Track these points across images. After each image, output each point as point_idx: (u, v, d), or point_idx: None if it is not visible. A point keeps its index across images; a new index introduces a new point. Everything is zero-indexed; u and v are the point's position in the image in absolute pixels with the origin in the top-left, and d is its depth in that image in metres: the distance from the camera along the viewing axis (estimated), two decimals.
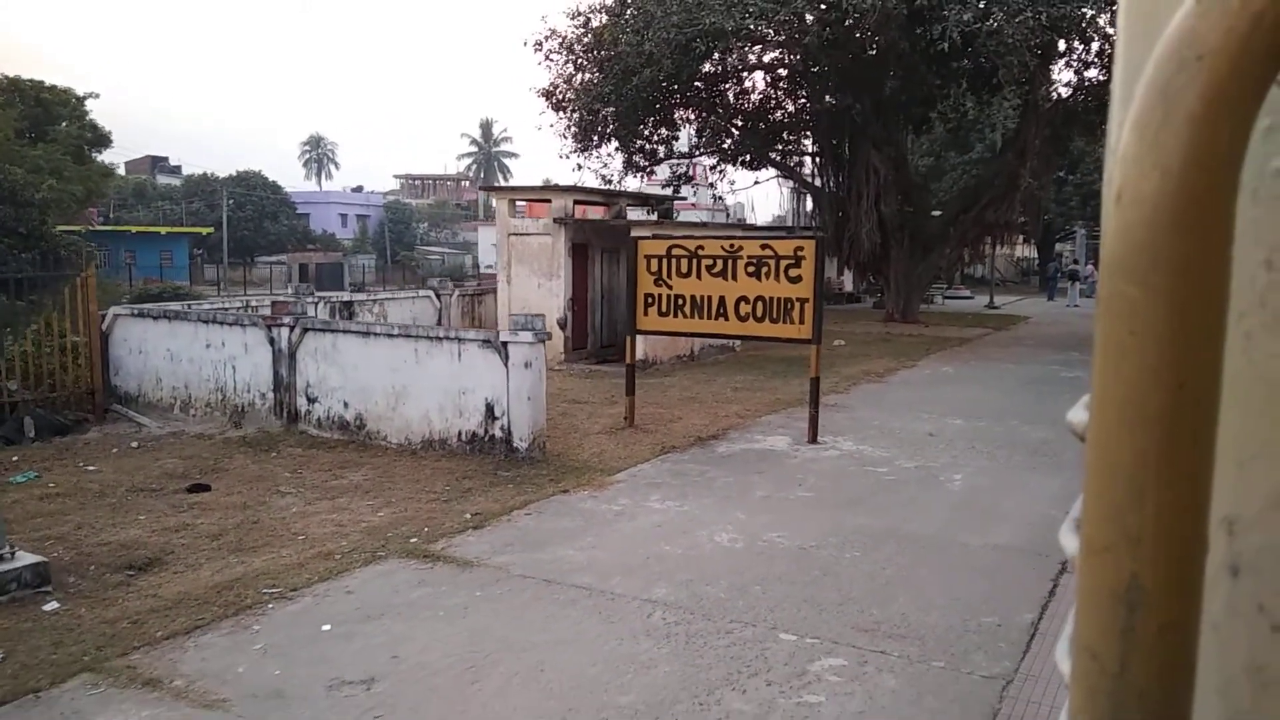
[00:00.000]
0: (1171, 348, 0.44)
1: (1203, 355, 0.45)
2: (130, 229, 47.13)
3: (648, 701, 4.37)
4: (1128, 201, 0.45)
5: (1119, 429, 0.45)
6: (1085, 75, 21.85)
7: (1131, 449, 0.45)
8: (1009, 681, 4.65)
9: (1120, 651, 0.46)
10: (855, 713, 4.30)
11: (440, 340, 9.74)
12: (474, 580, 5.92)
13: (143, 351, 11.71)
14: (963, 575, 6.16)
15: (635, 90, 19.98)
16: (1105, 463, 0.46)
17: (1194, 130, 0.43)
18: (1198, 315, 0.44)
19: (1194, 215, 0.44)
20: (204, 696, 4.36)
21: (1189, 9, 0.44)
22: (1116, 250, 0.45)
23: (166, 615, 5.37)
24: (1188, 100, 0.44)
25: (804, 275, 9.90)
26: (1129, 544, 0.45)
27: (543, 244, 16.24)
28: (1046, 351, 18.97)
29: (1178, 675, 0.46)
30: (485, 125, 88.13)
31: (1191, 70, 0.44)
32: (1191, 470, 0.45)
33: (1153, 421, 0.44)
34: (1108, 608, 0.46)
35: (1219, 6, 0.43)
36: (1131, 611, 0.45)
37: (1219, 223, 0.44)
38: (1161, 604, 0.45)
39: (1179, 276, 0.44)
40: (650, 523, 7.23)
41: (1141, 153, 0.45)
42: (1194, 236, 0.44)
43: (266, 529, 7.06)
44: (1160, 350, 0.44)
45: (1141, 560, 0.45)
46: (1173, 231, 0.44)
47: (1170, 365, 0.44)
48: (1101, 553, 0.46)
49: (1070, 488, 8.12)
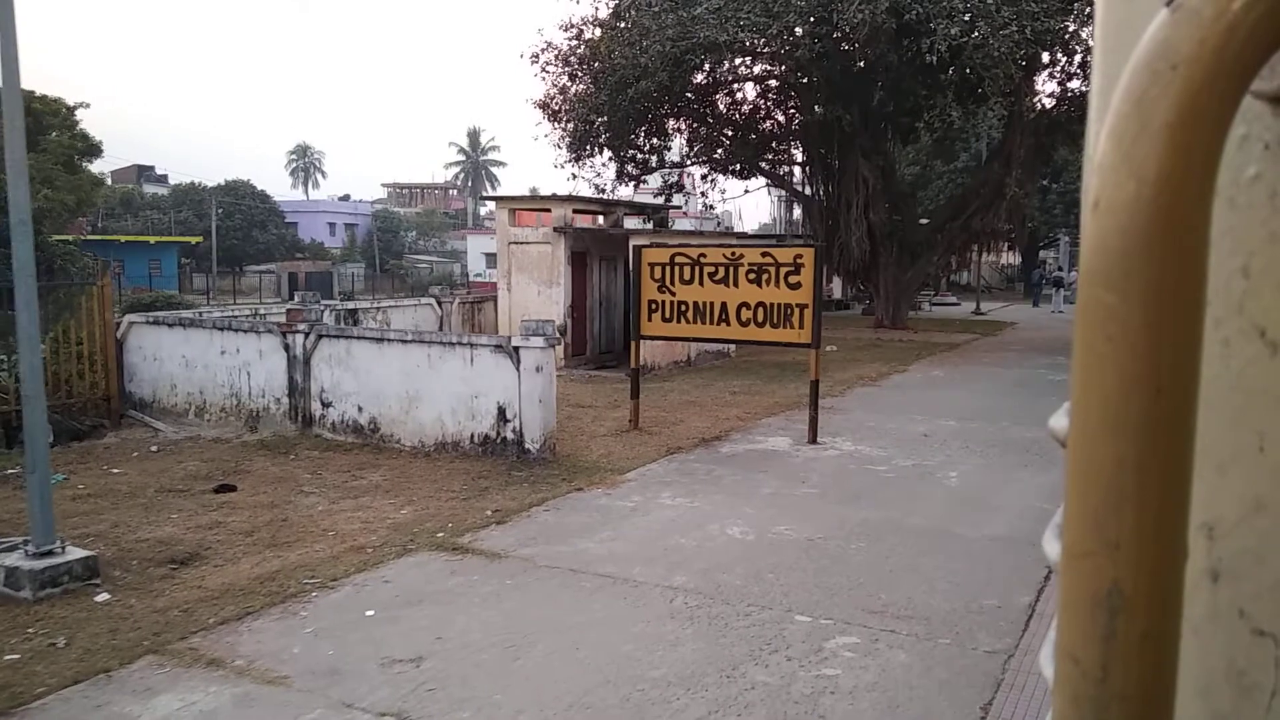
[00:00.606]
0: (1149, 354, 0.44)
1: (1180, 362, 0.44)
2: (119, 238, 47.14)
3: (678, 675, 4.71)
4: (1104, 210, 0.45)
5: (1098, 435, 0.46)
6: (1068, 86, 22.45)
7: (1111, 455, 0.45)
8: (1010, 655, 5.02)
9: (1102, 657, 0.45)
10: (870, 684, 4.66)
11: (453, 345, 10.07)
12: (503, 570, 6.25)
13: (157, 358, 11.98)
14: (963, 563, 6.54)
15: (630, 101, 20.38)
16: (1085, 469, 0.47)
17: (1169, 139, 0.44)
18: (1175, 322, 0.44)
19: (1170, 223, 0.44)
20: (266, 674, 4.68)
21: (1163, 20, 0.45)
22: (1094, 259, 0.46)
23: (215, 604, 5.68)
24: (1163, 110, 0.44)
25: (803, 282, 10.29)
26: (1109, 550, 0.45)
27: (543, 252, 16.59)
28: (1033, 356, 19.46)
29: (1159, 680, 0.46)
30: (473, 134, 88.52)
31: (1166, 80, 0.44)
32: (1170, 476, 0.45)
33: (1131, 428, 0.44)
34: (1089, 614, 0.46)
35: (1192, 17, 0.44)
36: (1112, 617, 0.45)
37: (1195, 231, 0.44)
38: (1142, 610, 0.45)
39: (1156, 284, 0.44)
40: (664, 518, 7.58)
41: (1117, 162, 0.45)
42: (1170, 244, 0.44)
43: (296, 526, 7.37)
44: (1138, 357, 0.44)
45: (1122, 566, 0.45)
46: (1149, 239, 0.44)
47: (1148, 372, 0.44)
48: (1082, 559, 0.46)
49: (1060, 484, 8.51)
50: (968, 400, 13.57)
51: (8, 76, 5.74)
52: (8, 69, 5.69)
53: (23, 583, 5.84)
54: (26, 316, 5.91)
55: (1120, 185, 0.45)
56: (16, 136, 5.80)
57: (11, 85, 5.72)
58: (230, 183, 58.24)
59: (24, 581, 5.84)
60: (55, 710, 4.37)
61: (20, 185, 5.77)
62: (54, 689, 4.59)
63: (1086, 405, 0.47)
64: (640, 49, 19.14)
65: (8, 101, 5.81)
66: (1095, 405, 0.46)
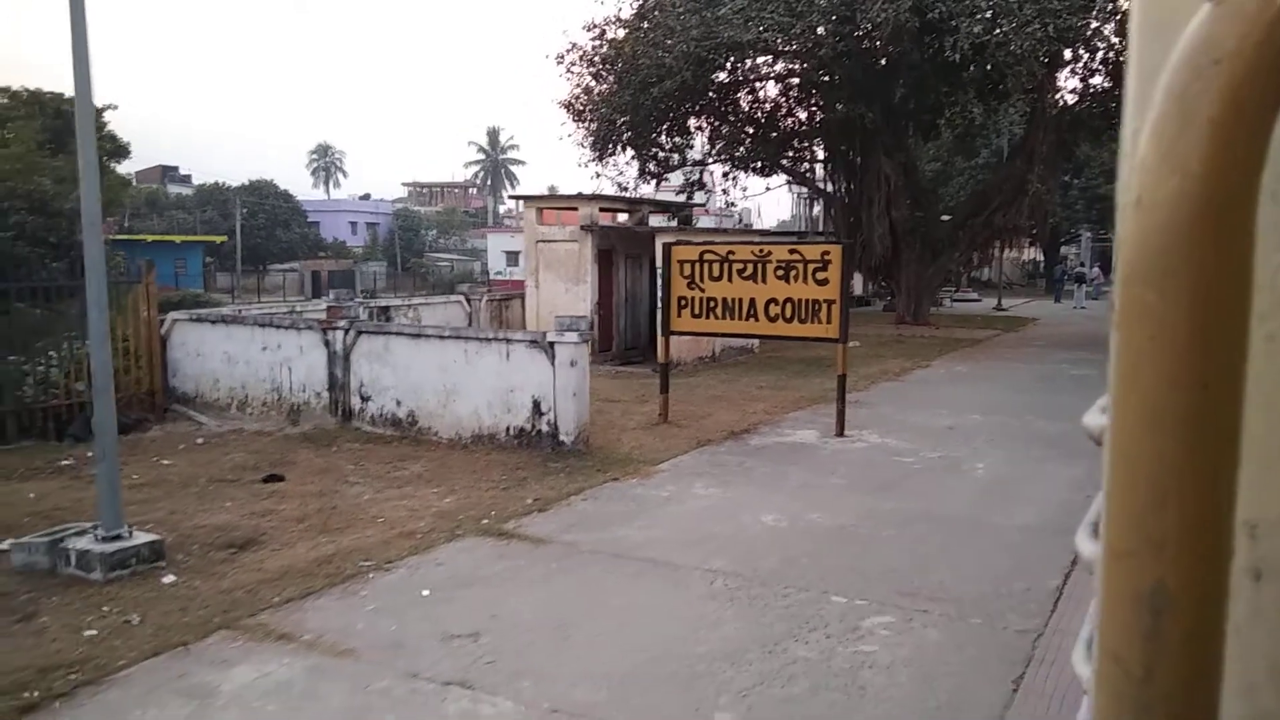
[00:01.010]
0: (1192, 352, 0.43)
1: (1225, 359, 0.44)
2: (146, 238, 47.78)
3: (723, 650, 4.96)
4: (1146, 207, 0.45)
5: (1140, 433, 0.45)
6: (1090, 83, 22.51)
7: (1153, 453, 0.45)
8: (1039, 635, 5.24)
9: (1145, 656, 0.45)
10: (906, 659, 4.89)
11: (489, 341, 10.35)
12: (549, 554, 6.52)
13: (200, 354, 12.33)
14: (992, 549, 6.75)
15: (653, 101, 20.63)
16: (1127, 467, 0.46)
17: (1213, 135, 0.43)
18: (1219, 319, 0.43)
19: (1214, 219, 0.43)
20: (334, 647, 4.97)
21: (1205, 14, 0.44)
22: (1135, 256, 0.45)
23: (276, 585, 5.97)
24: (1206, 105, 0.43)
25: (830, 278, 10.51)
26: (1152, 549, 0.45)
27: (570, 250, 16.87)
28: (1056, 351, 19.57)
29: (1203, 680, 0.45)
30: (492, 133, 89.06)
31: (1209, 75, 0.43)
32: (1215, 474, 0.44)
33: (1174, 426, 0.44)
34: (1131, 612, 0.45)
35: (1236, 12, 0.43)
36: (1156, 616, 0.45)
37: (1239, 226, 0.43)
38: (1187, 609, 0.44)
39: (1199, 281, 0.43)
40: (698, 506, 7.83)
41: (1160, 158, 0.44)
42: (1214, 240, 0.43)
43: (345, 513, 7.66)
44: (1181, 355, 0.44)
45: (1166, 565, 0.44)
46: (1192, 236, 0.43)
47: (1191, 369, 0.43)
48: (1124, 557, 0.46)
49: (1086, 477, 8.72)
50: (991, 395, 13.74)
51: (79, 84, 6.04)
52: (79, 82, 5.99)
53: (94, 565, 6.15)
54: (98, 314, 6.22)
55: (1162, 182, 0.44)
56: (89, 145, 6.10)
57: (84, 94, 6.02)
58: (254, 182, 58.95)
59: (95, 564, 6.15)
60: (140, 680, 4.67)
61: (92, 189, 6.07)
62: (134, 661, 4.88)
63: (1127, 403, 0.46)
64: (664, 49, 19.39)
65: (80, 111, 6.11)
66: (1136, 403, 0.46)
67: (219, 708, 4.37)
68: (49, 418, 11.02)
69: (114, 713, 4.36)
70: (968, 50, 17.92)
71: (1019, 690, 4.56)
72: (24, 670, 4.73)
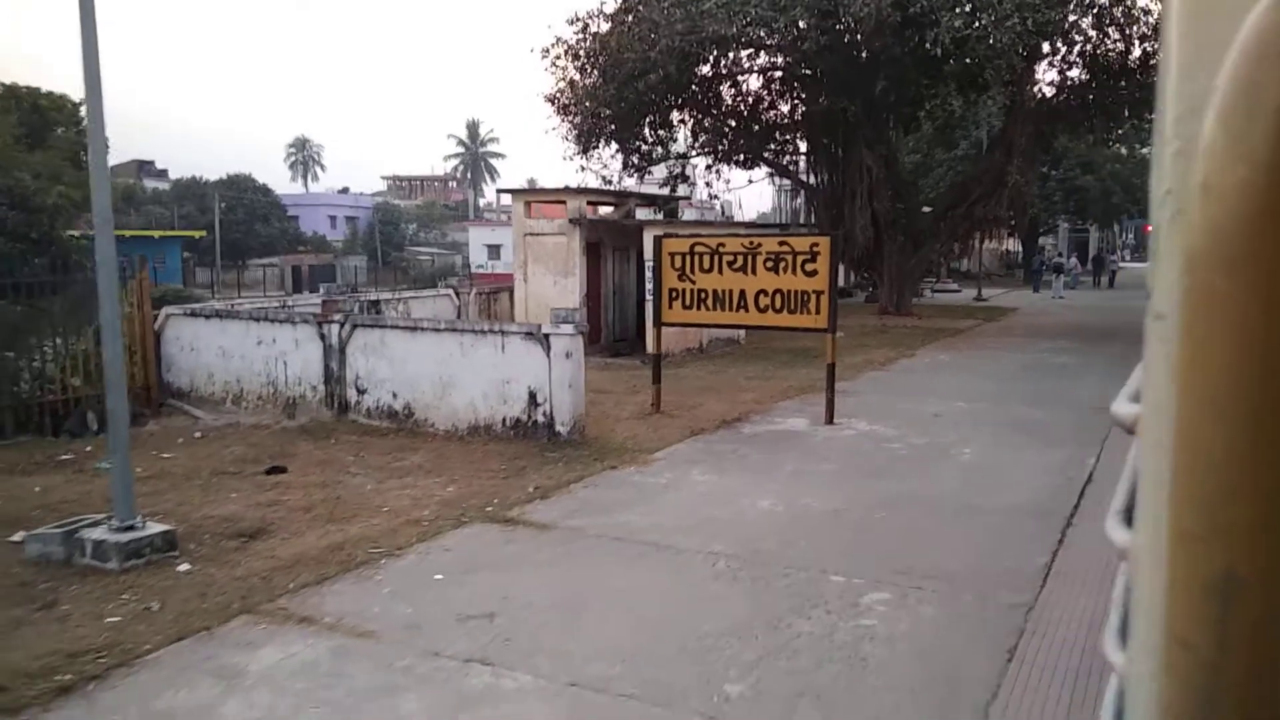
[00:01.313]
0: (1263, 339, 0.43)
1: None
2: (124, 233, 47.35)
3: (728, 627, 5.17)
4: (1215, 195, 0.44)
5: (1206, 421, 0.44)
6: (1068, 75, 22.90)
7: (1222, 441, 0.44)
8: (1030, 609, 5.48)
9: (1216, 643, 0.45)
10: (904, 633, 5.13)
11: (485, 334, 10.51)
12: (554, 539, 6.72)
13: (194, 349, 12.41)
14: (981, 530, 7.00)
15: (637, 94, 20.77)
16: (1193, 455, 0.45)
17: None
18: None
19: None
20: (354, 629, 5.14)
21: (1268, 3, 0.43)
22: (1203, 243, 0.44)
23: (291, 572, 6.13)
24: (1273, 94, 0.42)
25: (819, 269, 10.74)
26: (1221, 536, 0.44)
27: (558, 243, 17.01)
28: (1037, 340, 19.95)
29: (1272, 667, 0.44)
30: (472, 126, 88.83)
31: (1274, 64, 0.42)
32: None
33: (1243, 413, 0.43)
34: (1200, 599, 0.45)
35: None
36: (1226, 603, 0.44)
37: None
38: (1258, 595, 0.44)
39: (1270, 267, 0.42)
40: (696, 493, 8.04)
41: (1226, 146, 0.44)
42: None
43: (350, 503, 7.81)
44: (1250, 341, 0.43)
45: (1237, 552, 0.44)
46: (1262, 223, 0.42)
47: (1261, 357, 0.43)
48: (1192, 543, 0.45)
49: (1068, 460, 9.01)
50: (975, 383, 14.04)
51: (90, 80, 6.14)
52: (90, 81, 6.10)
53: (110, 555, 6.28)
54: (109, 308, 6.34)
55: (1230, 169, 0.44)
56: (99, 144, 6.20)
57: (94, 94, 6.12)
58: (232, 176, 58.59)
59: (111, 553, 6.28)
60: (168, 663, 4.82)
61: (102, 187, 6.18)
62: (160, 645, 5.03)
63: (1192, 392, 0.46)
64: (648, 43, 19.53)
65: (91, 110, 6.21)
66: (1202, 392, 0.45)
67: (248, 687, 4.54)
68: (45, 413, 11.09)
69: (147, 693, 4.52)
70: (948, 44, 18.19)
71: (1012, 660, 4.80)
72: (53, 655, 4.87)
